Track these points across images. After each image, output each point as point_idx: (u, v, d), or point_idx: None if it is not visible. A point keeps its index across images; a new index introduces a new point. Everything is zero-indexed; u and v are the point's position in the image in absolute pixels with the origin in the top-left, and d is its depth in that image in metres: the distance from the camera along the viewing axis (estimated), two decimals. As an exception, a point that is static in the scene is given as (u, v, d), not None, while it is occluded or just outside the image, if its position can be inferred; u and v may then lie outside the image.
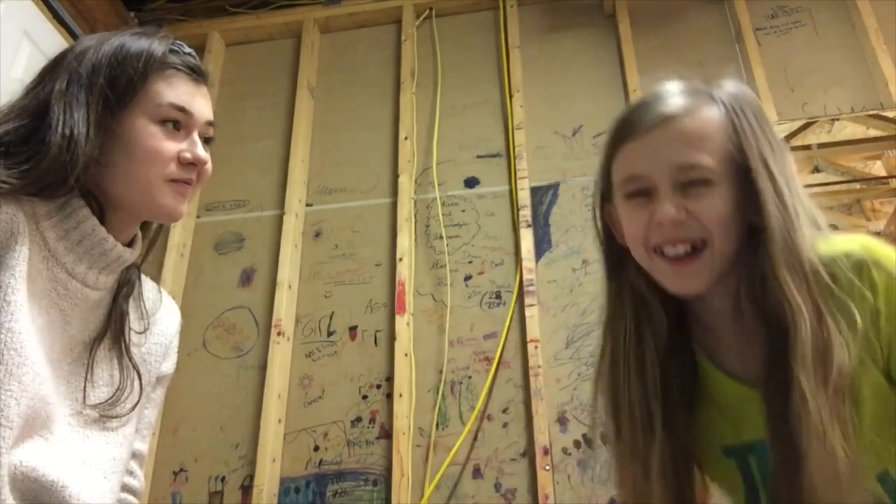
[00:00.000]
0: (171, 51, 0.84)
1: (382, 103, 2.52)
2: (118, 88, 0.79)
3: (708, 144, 0.74)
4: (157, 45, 0.83)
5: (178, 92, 0.83)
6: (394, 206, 2.31)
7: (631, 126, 0.78)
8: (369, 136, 2.48)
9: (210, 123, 0.87)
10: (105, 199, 0.81)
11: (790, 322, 0.69)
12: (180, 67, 0.84)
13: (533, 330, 2.03)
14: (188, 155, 0.82)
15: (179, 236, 2.32)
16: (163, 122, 0.81)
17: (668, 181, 0.74)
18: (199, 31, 2.69)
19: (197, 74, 0.86)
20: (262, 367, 2.10)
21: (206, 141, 0.87)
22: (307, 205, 2.40)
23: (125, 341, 0.85)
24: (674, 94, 0.78)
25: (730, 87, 0.80)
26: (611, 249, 0.84)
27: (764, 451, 0.75)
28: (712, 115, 0.76)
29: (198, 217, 2.43)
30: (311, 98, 2.57)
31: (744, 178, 0.74)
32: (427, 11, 2.66)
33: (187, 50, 0.87)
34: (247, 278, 2.30)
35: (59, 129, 0.75)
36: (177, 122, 0.82)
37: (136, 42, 0.82)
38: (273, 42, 2.73)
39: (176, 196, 0.82)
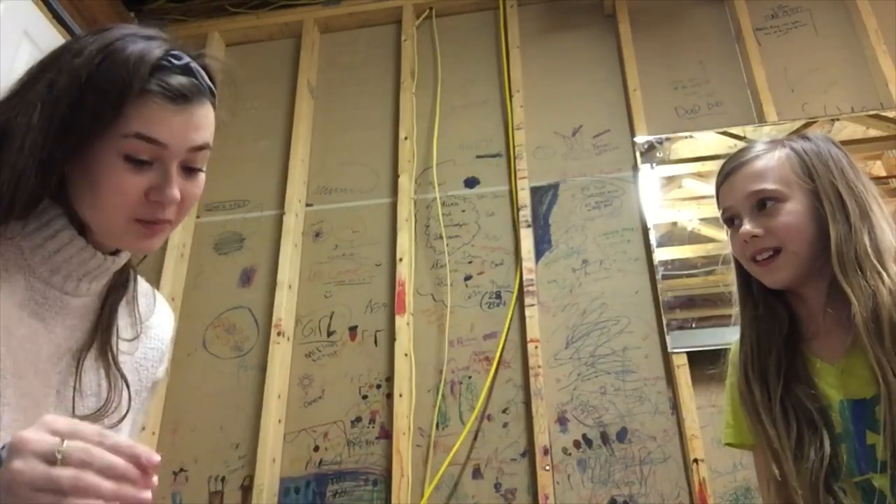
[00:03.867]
0: (160, 66, 0.72)
1: (382, 103, 2.52)
2: (82, 117, 0.69)
3: (770, 174, 0.99)
4: (143, 67, 0.70)
5: (151, 123, 0.71)
6: (394, 206, 2.31)
7: (721, 174, 1.06)
8: (369, 136, 2.48)
9: (198, 149, 0.75)
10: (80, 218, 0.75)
11: (852, 306, 0.90)
12: (158, 91, 0.71)
13: (533, 330, 2.03)
14: (155, 193, 0.72)
15: (179, 236, 2.32)
16: (129, 154, 0.71)
17: (746, 207, 1.00)
18: (199, 31, 2.69)
19: (179, 98, 0.72)
20: (262, 367, 2.10)
21: (192, 170, 0.77)
22: (307, 205, 2.40)
23: (112, 350, 0.81)
24: (751, 147, 1.05)
25: (808, 135, 1.05)
26: (740, 269, 1.07)
27: (846, 409, 0.95)
28: (775, 154, 1.02)
29: (198, 217, 2.43)
30: (311, 98, 2.57)
31: (816, 197, 0.97)
32: (427, 11, 2.66)
33: (181, 63, 0.74)
34: (247, 278, 2.30)
35: (10, 162, 0.68)
36: (148, 156, 0.72)
37: (122, 56, 0.70)
38: (273, 42, 2.73)
39: (142, 238, 0.75)
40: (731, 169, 1.04)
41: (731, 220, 1.04)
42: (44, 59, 0.76)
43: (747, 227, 0.99)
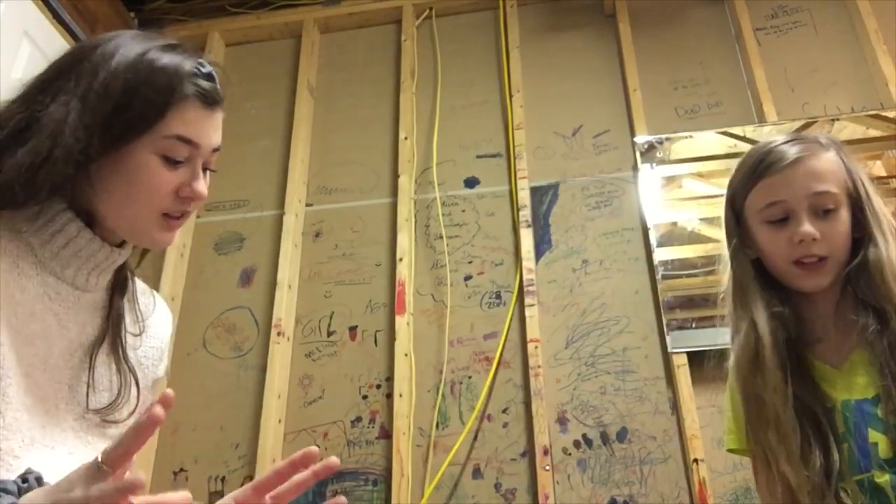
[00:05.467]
0: (194, 73, 0.78)
1: (382, 103, 2.52)
2: (131, 114, 0.74)
3: (831, 178, 0.96)
4: (183, 72, 0.77)
5: (189, 124, 0.77)
6: (394, 206, 2.31)
7: (767, 166, 0.99)
8: (369, 136, 2.48)
9: (216, 149, 0.83)
10: (91, 213, 0.78)
11: (889, 309, 0.91)
12: (194, 94, 0.78)
13: (533, 330, 2.03)
14: (187, 190, 0.79)
15: (180, 236, 2.31)
16: (166, 154, 0.77)
17: (804, 206, 0.95)
18: (199, 31, 2.69)
19: (209, 100, 0.79)
20: (262, 367, 2.10)
21: (205, 170, 0.83)
22: (307, 205, 2.40)
23: (122, 344, 0.83)
24: (800, 140, 1.00)
25: (831, 136, 1.03)
26: (743, 264, 1.04)
27: (849, 408, 0.94)
28: (830, 156, 0.98)
29: (198, 217, 2.43)
30: (311, 98, 2.57)
31: (854, 205, 0.97)
32: (427, 11, 2.66)
33: (206, 70, 0.80)
34: (247, 278, 2.30)
35: (46, 139, 0.71)
36: (181, 157, 0.78)
37: (162, 61, 0.76)
38: (273, 42, 2.73)
39: (164, 231, 0.80)
40: (791, 161, 0.97)
41: (778, 217, 0.98)
42: (61, 60, 0.79)
43: (808, 227, 0.94)
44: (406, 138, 2.40)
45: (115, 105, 0.73)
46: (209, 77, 0.80)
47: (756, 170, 1.00)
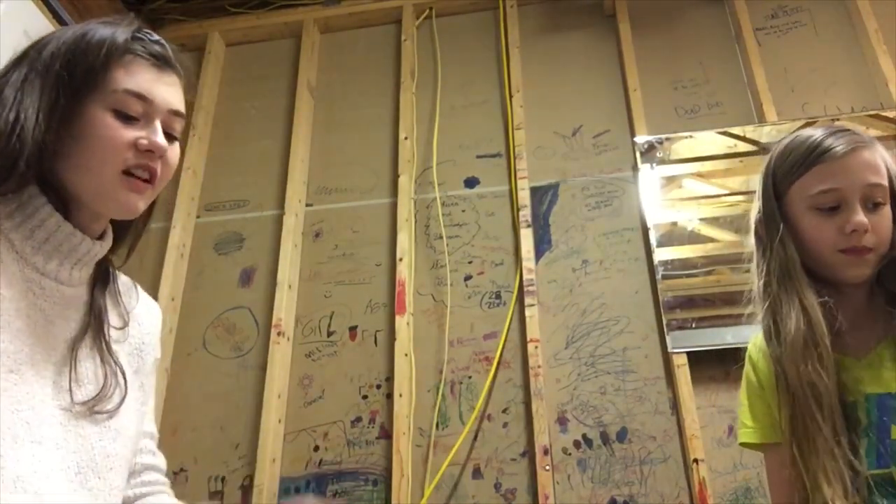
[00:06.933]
0: (135, 37, 0.81)
1: (382, 103, 2.52)
2: (76, 76, 0.76)
3: (882, 171, 0.96)
4: (119, 33, 0.79)
5: (137, 79, 0.79)
6: (394, 206, 2.31)
7: (825, 151, 0.97)
8: (369, 136, 2.48)
9: (176, 113, 0.83)
10: (66, 194, 0.79)
11: None
12: (141, 54, 0.80)
13: (533, 330, 2.03)
14: (144, 142, 0.78)
15: (179, 236, 2.32)
16: (119, 110, 0.78)
17: (858, 196, 0.94)
18: (199, 31, 2.70)
19: (159, 61, 0.81)
20: (262, 367, 2.10)
21: (172, 137, 0.83)
22: (307, 205, 2.40)
23: (105, 337, 0.83)
24: (846, 132, 0.99)
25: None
26: (790, 251, 1.00)
27: (872, 402, 0.94)
28: (880, 151, 0.98)
29: (198, 217, 2.43)
30: (311, 98, 2.57)
31: (892, 201, 0.97)
32: (427, 11, 2.66)
33: (154, 38, 0.83)
34: (247, 278, 2.30)
35: (5, 116, 0.73)
36: (135, 112, 0.79)
37: (100, 30, 0.79)
38: (273, 42, 2.73)
39: (130, 192, 0.79)
40: (850, 149, 0.96)
41: (829, 204, 0.96)
42: (11, 59, 0.82)
43: (862, 217, 0.93)
44: (406, 138, 2.40)
45: (63, 67, 0.76)
46: (158, 43, 0.83)
47: (811, 155, 0.98)
